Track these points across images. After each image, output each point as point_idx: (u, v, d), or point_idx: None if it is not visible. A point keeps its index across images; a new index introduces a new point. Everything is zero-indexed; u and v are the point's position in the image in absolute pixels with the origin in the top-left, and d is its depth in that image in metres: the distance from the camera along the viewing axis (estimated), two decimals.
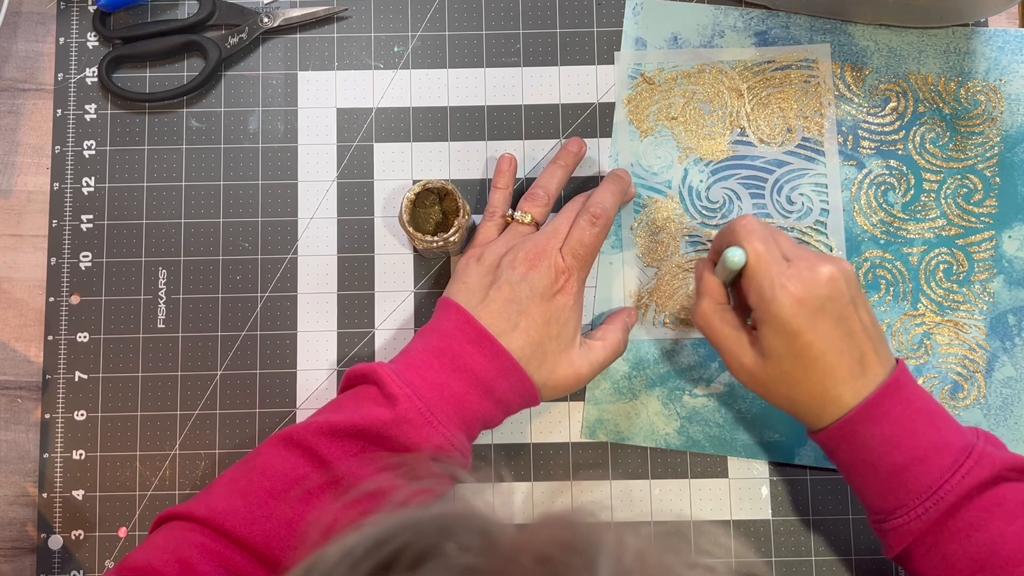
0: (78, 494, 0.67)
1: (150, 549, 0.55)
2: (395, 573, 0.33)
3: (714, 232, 0.70)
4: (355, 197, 0.70)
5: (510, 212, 0.66)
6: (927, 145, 0.71)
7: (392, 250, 0.70)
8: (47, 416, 0.68)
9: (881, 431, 0.56)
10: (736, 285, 0.60)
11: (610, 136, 0.71)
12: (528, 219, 0.65)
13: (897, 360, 0.58)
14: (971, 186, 0.70)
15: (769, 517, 0.67)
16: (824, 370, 0.56)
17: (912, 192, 0.70)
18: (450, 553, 0.33)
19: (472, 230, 0.68)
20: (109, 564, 0.67)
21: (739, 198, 0.70)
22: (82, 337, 0.69)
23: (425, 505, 0.36)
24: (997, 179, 0.70)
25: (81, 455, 0.68)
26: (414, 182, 0.69)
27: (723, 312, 0.60)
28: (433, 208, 0.67)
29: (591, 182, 0.70)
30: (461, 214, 0.64)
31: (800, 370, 0.56)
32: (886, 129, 0.71)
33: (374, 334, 0.69)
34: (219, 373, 0.69)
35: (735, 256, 0.57)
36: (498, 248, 0.63)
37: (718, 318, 0.60)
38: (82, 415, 0.68)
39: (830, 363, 0.56)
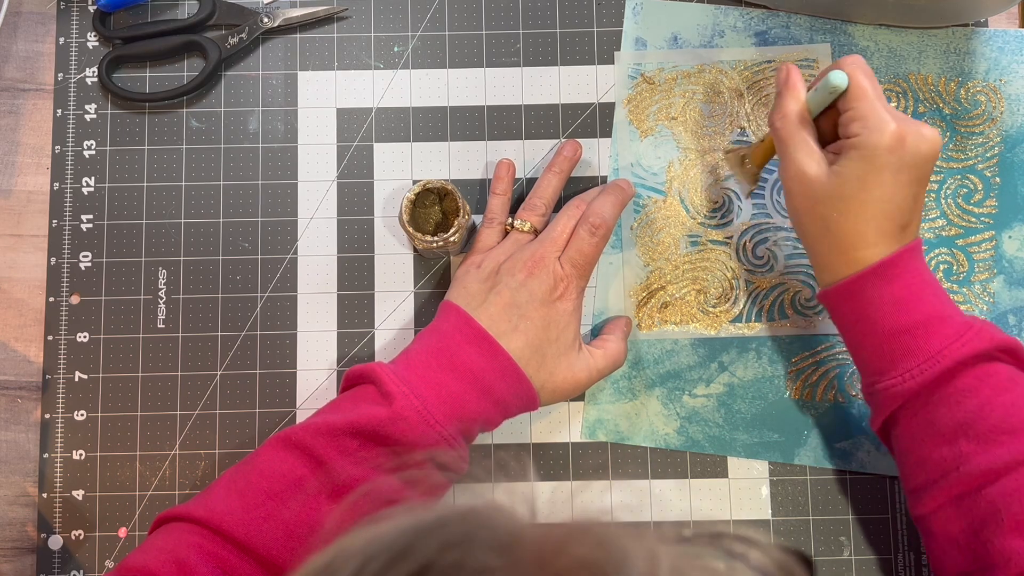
0: (78, 494, 0.67)
1: (148, 550, 0.55)
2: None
3: (714, 232, 0.70)
4: (355, 197, 0.70)
5: (510, 220, 0.66)
6: None
7: (392, 250, 0.70)
8: (47, 416, 0.68)
9: (891, 292, 0.57)
10: (818, 118, 0.60)
11: (610, 136, 0.71)
12: (527, 227, 0.65)
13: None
14: (971, 186, 0.70)
15: (769, 517, 0.67)
16: (878, 215, 0.56)
17: None
18: (472, 561, 0.31)
19: (472, 230, 0.68)
20: (109, 564, 0.67)
21: (739, 198, 0.70)
22: (82, 337, 0.69)
23: (439, 506, 0.34)
24: (997, 179, 0.70)
25: (81, 455, 0.68)
26: (414, 182, 0.69)
27: (806, 119, 0.59)
28: (433, 208, 0.67)
29: (591, 183, 0.70)
30: (461, 214, 0.64)
31: (858, 203, 0.56)
32: None
33: (374, 334, 0.69)
34: (219, 373, 0.69)
35: (838, 79, 0.56)
36: (498, 255, 0.64)
37: (799, 120, 0.59)
38: (82, 415, 0.68)
39: (888, 211, 0.56)
